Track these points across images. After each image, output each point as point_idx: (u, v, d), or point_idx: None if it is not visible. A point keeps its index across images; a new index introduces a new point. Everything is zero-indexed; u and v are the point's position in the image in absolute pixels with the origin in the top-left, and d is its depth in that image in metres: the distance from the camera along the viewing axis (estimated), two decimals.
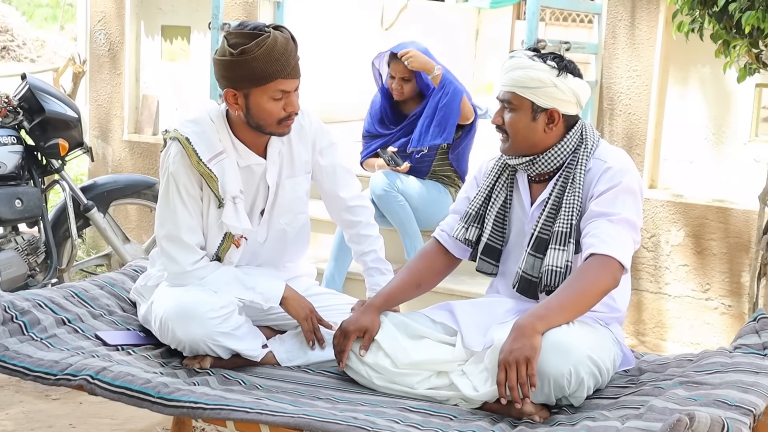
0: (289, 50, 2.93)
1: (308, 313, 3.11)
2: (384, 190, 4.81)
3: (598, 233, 2.76)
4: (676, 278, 5.25)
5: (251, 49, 2.87)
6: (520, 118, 2.89)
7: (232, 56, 2.89)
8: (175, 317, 2.93)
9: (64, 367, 2.75)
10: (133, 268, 3.72)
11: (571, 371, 2.58)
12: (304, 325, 3.10)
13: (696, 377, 2.70)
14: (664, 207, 5.25)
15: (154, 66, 6.90)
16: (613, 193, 2.81)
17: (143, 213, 6.73)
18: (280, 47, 2.90)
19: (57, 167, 4.81)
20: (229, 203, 3.03)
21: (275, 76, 2.91)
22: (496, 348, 2.67)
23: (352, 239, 3.45)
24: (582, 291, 2.70)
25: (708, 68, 5.15)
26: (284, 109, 2.98)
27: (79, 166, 8.75)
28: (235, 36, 2.92)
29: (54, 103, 4.76)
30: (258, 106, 2.96)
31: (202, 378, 2.87)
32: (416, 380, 2.83)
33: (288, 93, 2.97)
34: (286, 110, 2.98)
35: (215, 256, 3.10)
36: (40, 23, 19.13)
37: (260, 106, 2.96)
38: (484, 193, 3.07)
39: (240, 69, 2.90)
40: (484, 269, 3.09)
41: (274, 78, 2.91)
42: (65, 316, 3.17)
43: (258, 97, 2.95)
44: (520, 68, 2.87)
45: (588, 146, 2.91)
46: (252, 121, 3.01)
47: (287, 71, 2.93)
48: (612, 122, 5.40)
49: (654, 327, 5.33)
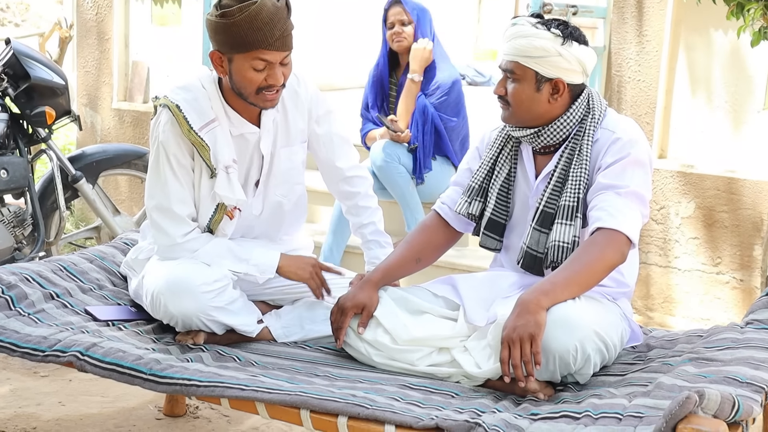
0: (276, 20, 2.88)
1: (311, 271, 3.13)
2: (385, 161, 4.81)
3: (606, 206, 2.76)
4: (685, 251, 5.25)
5: (233, 14, 2.85)
6: (523, 88, 2.88)
7: (215, 18, 2.89)
8: (167, 291, 2.93)
9: (53, 343, 2.76)
10: (124, 241, 3.73)
11: (577, 347, 2.59)
12: (310, 284, 3.13)
13: (706, 353, 2.71)
14: (673, 178, 5.24)
15: (144, 31, 6.87)
16: (622, 164, 2.81)
17: (134, 184, 6.73)
18: (265, 16, 2.85)
19: (44, 136, 4.80)
20: (221, 173, 3.03)
21: (256, 45, 2.88)
22: (500, 324, 2.68)
23: (350, 211, 3.45)
24: (588, 266, 2.70)
25: (721, 32, 5.13)
26: (266, 80, 2.95)
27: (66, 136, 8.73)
28: None
29: (40, 69, 4.74)
30: (239, 72, 2.94)
31: (196, 354, 2.88)
32: (417, 357, 2.84)
33: (272, 64, 2.93)
34: (267, 81, 2.95)
35: (207, 228, 3.10)
36: None
37: (241, 72, 2.94)
38: (487, 165, 3.07)
39: (222, 32, 2.89)
40: (487, 245, 3.09)
41: (254, 47, 2.88)
42: (53, 290, 3.18)
43: (239, 62, 2.93)
44: (523, 36, 2.85)
45: (595, 116, 2.90)
46: (235, 87, 2.99)
47: (270, 42, 2.88)
48: (620, 90, 5.38)
49: (663, 302, 5.34)
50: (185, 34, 6.63)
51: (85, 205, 5.83)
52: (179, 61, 6.69)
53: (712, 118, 5.23)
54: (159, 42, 6.82)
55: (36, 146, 4.93)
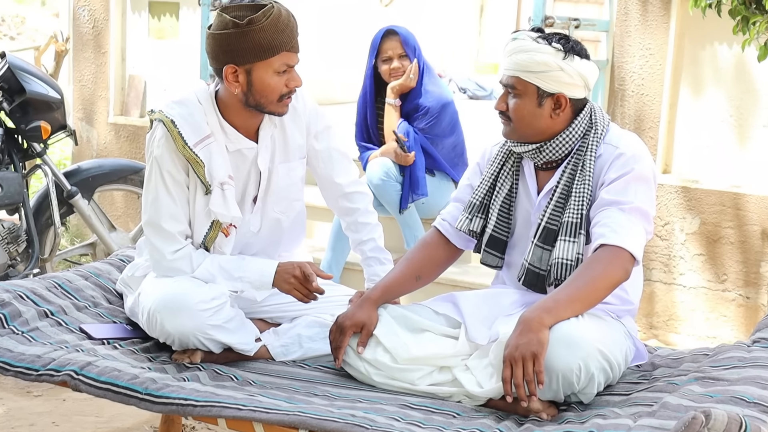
0: (293, 22, 2.98)
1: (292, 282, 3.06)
2: (381, 179, 4.80)
3: (609, 222, 2.76)
4: (690, 268, 5.25)
5: (259, 19, 2.89)
6: (525, 104, 2.88)
7: (238, 27, 2.90)
8: (163, 309, 2.93)
9: (47, 362, 2.75)
10: (120, 257, 3.72)
11: (580, 366, 2.58)
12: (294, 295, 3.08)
13: (712, 373, 2.70)
14: (678, 193, 5.25)
15: (141, 44, 6.89)
16: (625, 180, 2.81)
17: (130, 199, 6.73)
18: (285, 18, 2.94)
19: (39, 151, 4.80)
20: (216, 190, 3.03)
21: (282, 47, 2.94)
22: (502, 342, 2.67)
23: (350, 227, 3.44)
24: (592, 283, 2.70)
25: (726, 46, 5.14)
26: (287, 85, 3.00)
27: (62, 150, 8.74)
28: (235, 9, 2.93)
29: (35, 83, 4.75)
30: (261, 81, 2.97)
31: (193, 373, 2.87)
32: (417, 376, 2.83)
33: (291, 68, 3.00)
34: (288, 86, 3.00)
35: (202, 246, 3.09)
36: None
37: (264, 81, 2.97)
38: (488, 181, 3.07)
39: (246, 41, 2.91)
40: (488, 262, 3.09)
41: (280, 50, 2.94)
42: (48, 308, 3.17)
43: (262, 71, 2.96)
44: (524, 51, 2.85)
45: (598, 131, 2.91)
46: (252, 100, 3.01)
47: (292, 43, 2.97)
48: (623, 104, 5.39)
49: (668, 320, 5.34)
50: (183, 48, 6.64)
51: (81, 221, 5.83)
52: (176, 75, 6.70)
53: (717, 133, 5.24)
54: (156, 56, 6.84)
55: (31, 161, 4.93)
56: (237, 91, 3.00)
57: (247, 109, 3.05)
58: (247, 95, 3.01)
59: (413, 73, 4.83)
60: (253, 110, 3.05)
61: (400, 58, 4.86)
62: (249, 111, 3.06)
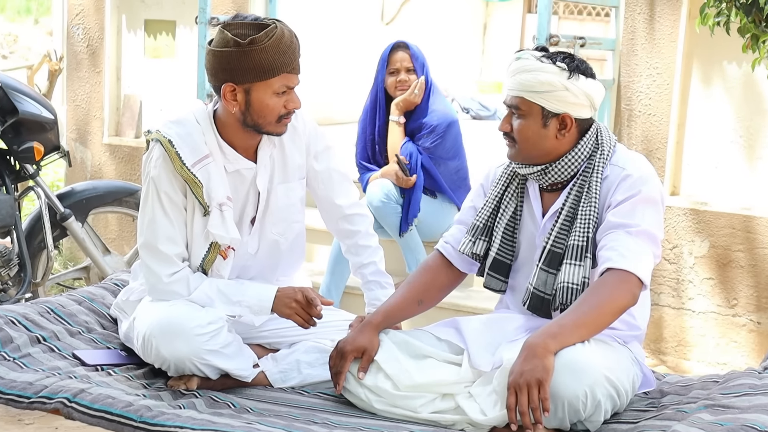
0: (295, 44, 2.99)
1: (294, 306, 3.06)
2: (382, 201, 4.81)
3: (616, 246, 2.76)
4: (700, 293, 5.25)
5: (261, 40, 2.90)
6: (529, 124, 2.89)
7: (239, 47, 2.91)
8: (159, 334, 2.93)
9: (39, 389, 2.75)
10: (114, 281, 3.73)
11: (586, 393, 2.58)
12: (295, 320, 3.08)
13: (722, 400, 2.70)
14: (687, 216, 5.25)
15: (137, 63, 6.91)
16: (632, 203, 2.81)
17: (125, 222, 6.73)
18: (287, 40, 2.95)
19: (31, 173, 4.81)
20: (215, 211, 3.03)
21: (282, 69, 2.95)
22: (506, 369, 2.67)
23: (350, 250, 3.45)
24: (599, 308, 2.70)
25: (735, 65, 5.16)
26: (285, 106, 3.01)
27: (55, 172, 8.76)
28: (237, 27, 2.95)
29: (28, 103, 4.76)
30: (260, 101, 2.98)
31: (189, 400, 2.87)
32: (419, 403, 2.83)
33: (291, 89, 3.01)
34: (287, 107, 3.02)
35: (200, 269, 3.10)
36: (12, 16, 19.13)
37: (262, 101, 2.98)
38: (492, 203, 3.07)
39: (246, 60, 2.93)
40: (492, 286, 3.09)
41: (281, 71, 2.95)
42: (40, 333, 3.17)
43: (261, 91, 2.97)
44: (528, 71, 2.86)
45: (604, 152, 2.91)
46: (250, 119, 3.02)
47: (293, 65, 2.98)
48: (630, 124, 5.40)
49: (676, 345, 5.33)
50: (179, 67, 6.67)
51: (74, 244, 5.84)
52: (173, 94, 6.72)
53: (727, 154, 5.24)
54: (152, 75, 6.86)
55: (23, 183, 4.94)
56: (235, 110, 3.02)
57: (245, 128, 3.06)
58: (245, 114, 3.02)
59: (418, 88, 4.84)
60: (251, 130, 3.06)
61: (408, 71, 4.88)
62: (247, 131, 3.07)
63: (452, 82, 10.06)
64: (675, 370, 5.17)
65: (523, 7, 11.87)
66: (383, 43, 5.07)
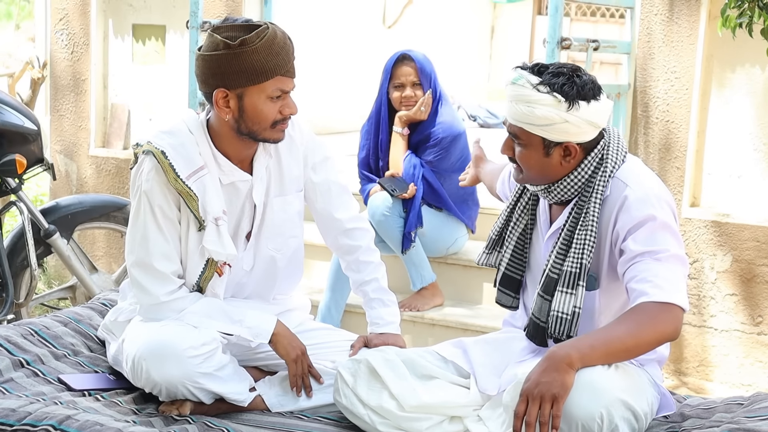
0: (289, 45, 3.00)
1: (299, 354, 3.11)
2: (384, 214, 4.81)
3: (649, 277, 2.70)
4: (722, 310, 5.25)
5: (252, 41, 2.91)
6: (531, 154, 2.87)
7: (230, 49, 2.92)
8: (149, 356, 2.93)
9: (23, 416, 2.76)
10: (102, 301, 3.73)
11: (602, 415, 2.58)
12: (292, 367, 3.10)
13: (747, 424, 2.70)
14: (708, 228, 5.26)
15: (125, 70, 6.93)
16: (649, 228, 2.76)
17: (113, 238, 6.74)
18: (280, 41, 2.96)
19: (13, 187, 4.82)
20: (210, 225, 3.04)
21: (276, 71, 2.96)
22: (519, 383, 2.66)
23: (351, 267, 3.45)
24: (637, 336, 2.65)
25: (758, 69, 5.17)
26: (281, 112, 3.02)
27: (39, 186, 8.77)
28: (228, 29, 2.96)
29: (9, 113, 4.77)
30: (253, 107, 2.99)
31: (181, 426, 2.87)
32: (426, 426, 2.83)
33: (286, 93, 3.02)
34: (283, 112, 3.02)
35: (197, 287, 3.10)
36: None
37: (256, 107, 2.99)
38: (505, 214, 3.09)
39: (237, 63, 2.93)
40: (503, 302, 3.09)
41: (274, 74, 2.96)
42: (23, 357, 3.18)
43: (254, 96, 2.98)
44: (524, 102, 2.83)
45: (606, 170, 2.86)
46: (244, 126, 3.03)
47: (287, 67, 2.99)
48: (647, 131, 5.41)
49: (698, 366, 5.33)
50: (169, 74, 6.68)
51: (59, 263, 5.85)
52: (163, 103, 6.74)
53: (750, 162, 5.25)
54: (141, 83, 6.87)
55: (5, 198, 4.95)
56: (228, 117, 3.02)
57: (240, 137, 3.06)
58: (238, 122, 3.03)
59: (425, 105, 4.85)
60: (246, 138, 3.06)
61: (414, 86, 4.88)
62: (242, 140, 3.07)
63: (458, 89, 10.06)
64: (697, 392, 5.17)
65: (532, 9, 11.90)
66: (385, 48, 5.08)
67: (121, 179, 6.82)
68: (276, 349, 3.11)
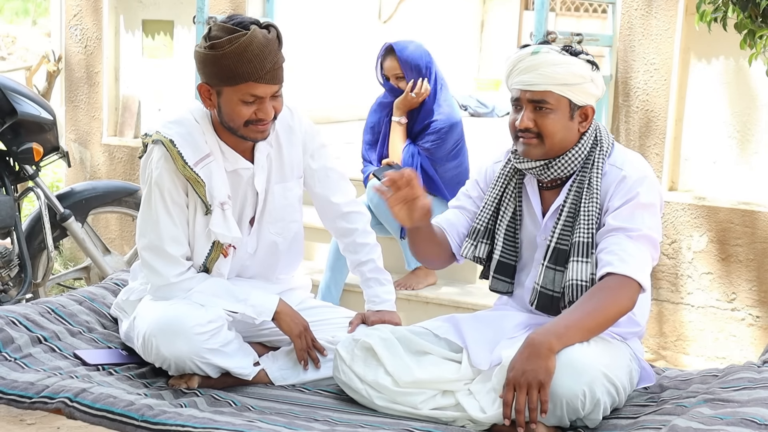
0: (267, 53, 2.92)
1: (302, 330, 3.11)
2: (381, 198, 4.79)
3: (617, 250, 2.76)
4: (699, 287, 5.25)
5: (222, 45, 2.88)
6: (558, 118, 2.86)
7: (207, 49, 2.92)
8: (159, 333, 2.93)
9: (40, 389, 2.76)
10: (114, 281, 3.73)
11: (585, 392, 2.58)
12: (297, 342, 3.10)
13: (722, 394, 2.70)
14: (685, 210, 5.25)
15: (135, 63, 6.91)
16: (631, 206, 2.80)
17: (125, 222, 6.73)
18: (256, 48, 2.89)
19: (31, 173, 4.81)
20: (217, 210, 3.04)
21: (246, 78, 2.91)
22: (505, 366, 2.67)
23: (348, 248, 3.45)
24: (602, 311, 2.70)
25: (732, 61, 5.16)
26: (255, 114, 2.98)
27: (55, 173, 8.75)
28: (217, 29, 2.94)
29: (27, 104, 4.76)
30: (228, 105, 2.98)
31: (190, 399, 2.87)
32: (420, 400, 2.83)
33: (262, 99, 2.96)
34: (257, 116, 2.99)
35: (203, 267, 3.10)
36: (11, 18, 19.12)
37: (230, 106, 2.98)
38: (491, 205, 3.06)
39: (211, 64, 2.93)
40: (498, 288, 3.08)
41: (244, 80, 2.92)
42: (41, 334, 3.17)
43: (229, 96, 2.97)
44: (557, 64, 2.82)
45: (603, 148, 2.91)
46: (224, 121, 3.02)
47: (260, 75, 2.92)
48: (628, 120, 5.40)
49: (675, 340, 5.33)
50: (177, 67, 6.67)
51: (74, 245, 5.84)
52: (171, 94, 6.72)
53: (725, 148, 5.24)
54: (150, 75, 6.86)
55: (23, 184, 4.94)
56: (211, 110, 3.03)
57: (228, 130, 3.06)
58: (220, 116, 3.02)
59: (416, 91, 4.81)
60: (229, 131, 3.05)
61: (398, 79, 4.86)
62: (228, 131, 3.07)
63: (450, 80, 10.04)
64: (674, 365, 5.17)
65: (520, 5, 11.87)
66: (381, 42, 5.05)
67: (133, 166, 6.80)
68: (279, 326, 3.11)
